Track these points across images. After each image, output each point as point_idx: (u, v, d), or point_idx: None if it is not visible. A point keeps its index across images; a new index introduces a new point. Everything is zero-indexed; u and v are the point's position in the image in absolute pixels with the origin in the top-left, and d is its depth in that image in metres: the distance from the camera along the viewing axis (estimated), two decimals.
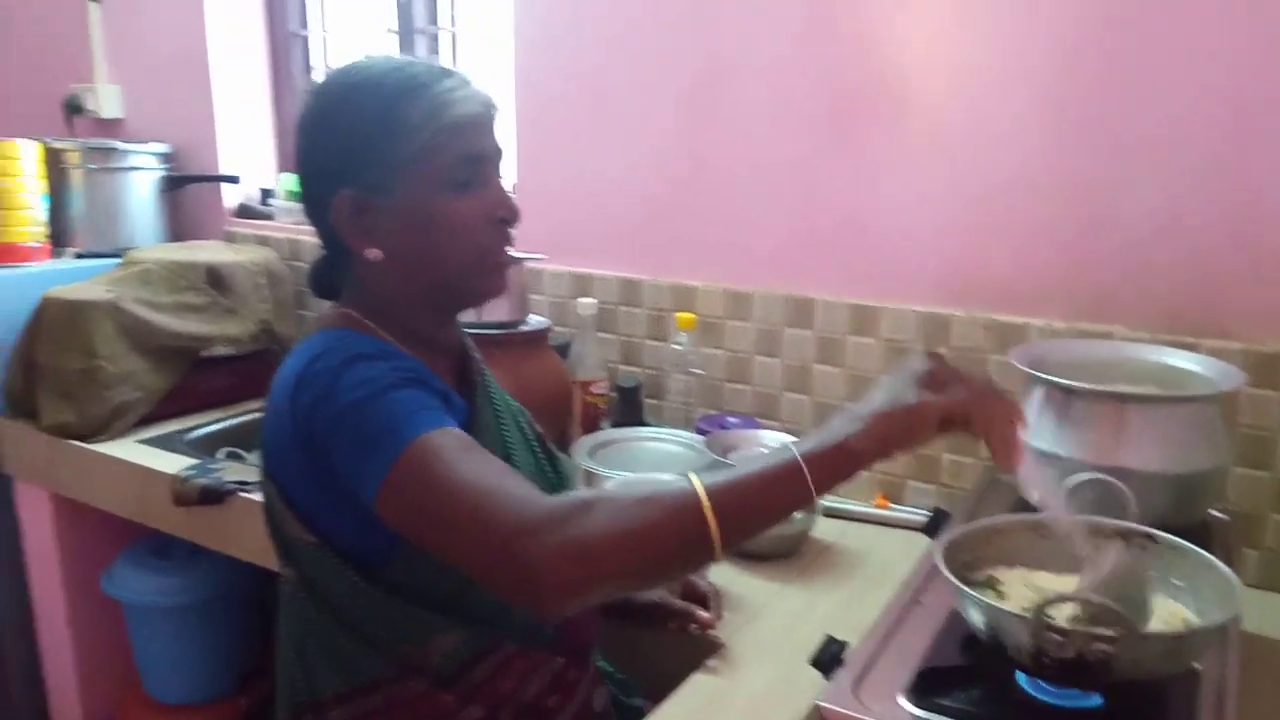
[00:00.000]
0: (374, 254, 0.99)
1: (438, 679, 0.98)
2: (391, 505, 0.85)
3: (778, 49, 1.68)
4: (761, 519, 0.82)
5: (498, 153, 1.03)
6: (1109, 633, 0.78)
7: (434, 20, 2.30)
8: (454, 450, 0.85)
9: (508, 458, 1.07)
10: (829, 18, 1.62)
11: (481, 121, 1.00)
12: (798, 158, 1.69)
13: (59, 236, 2.28)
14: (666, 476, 1.38)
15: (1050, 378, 1.18)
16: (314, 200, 1.02)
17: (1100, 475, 1.05)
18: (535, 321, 1.81)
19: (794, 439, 0.84)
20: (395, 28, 2.31)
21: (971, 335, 1.57)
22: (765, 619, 1.29)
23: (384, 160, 0.96)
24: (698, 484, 0.79)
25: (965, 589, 0.84)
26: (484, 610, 0.98)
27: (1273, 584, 1.38)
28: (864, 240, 1.66)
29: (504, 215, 1.02)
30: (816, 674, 0.97)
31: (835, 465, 0.79)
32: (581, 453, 1.58)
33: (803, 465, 0.78)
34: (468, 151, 0.99)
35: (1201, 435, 1.15)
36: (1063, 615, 0.83)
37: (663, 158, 1.84)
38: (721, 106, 1.75)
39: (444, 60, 2.26)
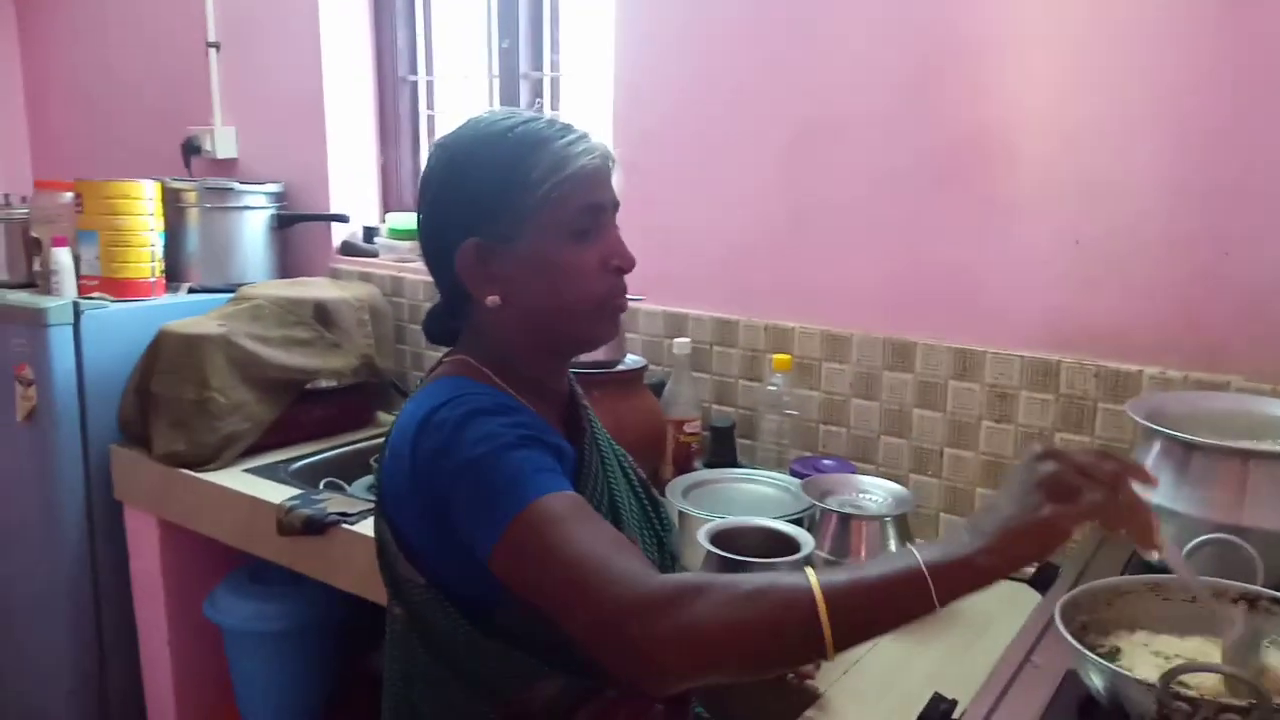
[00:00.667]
0: (494, 300, 1.02)
1: None
2: (504, 565, 0.87)
3: (885, 98, 1.67)
4: (878, 626, 0.79)
5: (615, 203, 1.06)
6: (1240, 703, 0.74)
7: (537, 66, 2.35)
8: (570, 515, 0.86)
9: (614, 504, 1.07)
10: (939, 70, 1.61)
11: (601, 174, 1.03)
12: (902, 204, 1.68)
13: (175, 272, 2.37)
14: (783, 571, 1.38)
15: (1170, 431, 1.13)
16: (438, 249, 1.05)
17: (1224, 535, 1.00)
18: (631, 360, 1.81)
19: (917, 543, 0.81)
20: (498, 73, 2.37)
21: (1080, 382, 1.52)
22: (863, 670, 1.26)
23: (509, 211, 0.99)
24: (814, 582, 0.76)
25: (1086, 652, 0.81)
26: (589, 658, 0.98)
27: None
28: (967, 286, 1.63)
29: (620, 264, 1.04)
30: None
31: (960, 581, 0.76)
32: (675, 493, 1.57)
33: (928, 577, 0.75)
34: (588, 202, 1.01)
35: None
36: (1191, 683, 0.79)
37: (762, 200, 1.84)
38: (824, 152, 1.75)
39: (546, 105, 2.31)
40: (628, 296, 1.83)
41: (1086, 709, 0.89)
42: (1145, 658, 0.89)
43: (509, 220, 1.00)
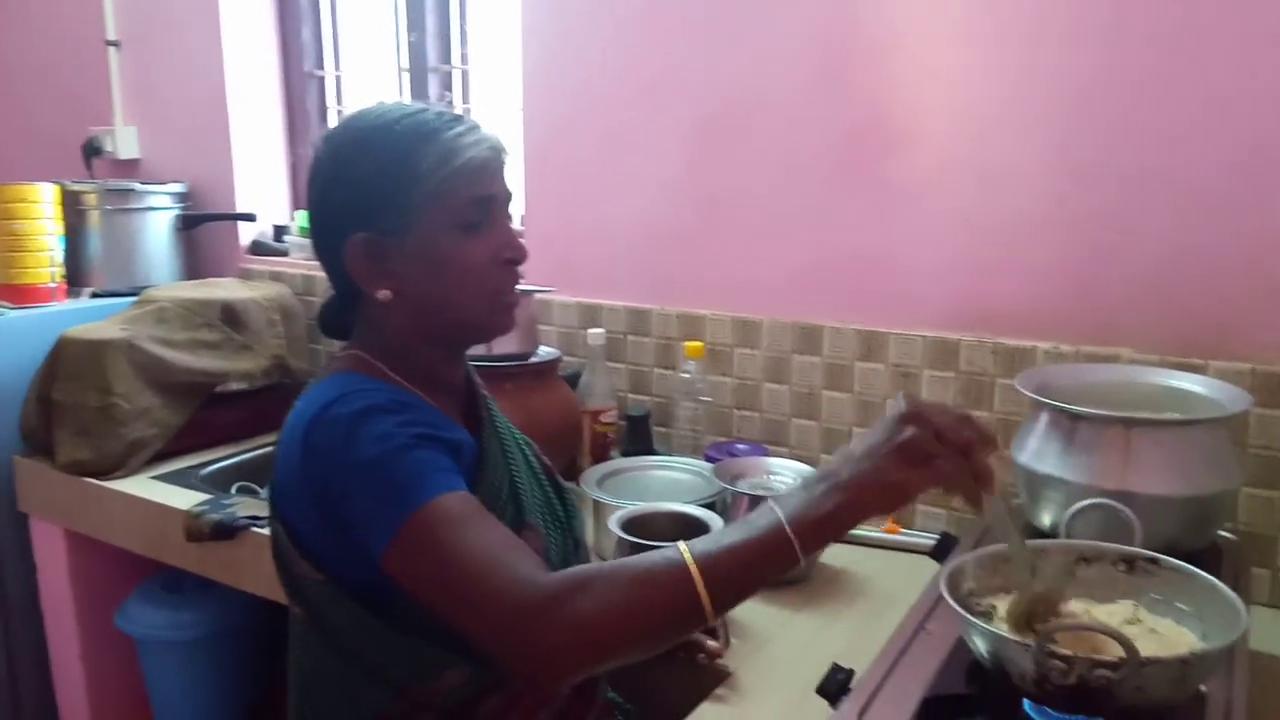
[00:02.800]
0: (385, 294, 1.01)
1: (446, 714, 0.98)
2: (397, 565, 0.87)
3: (790, 88, 1.70)
4: (751, 584, 0.82)
5: (507, 196, 1.06)
6: (1111, 659, 0.78)
7: (446, 59, 2.33)
8: (463, 517, 0.87)
9: (515, 492, 1.07)
10: (841, 60, 1.64)
11: (491, 166, 1.03)
12: (808, 191, 1.71)
13: (76, 276, 2.31)
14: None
15: (1055, 403, 1.17)
16: (327, 243, 1.04)
17: (1104, 500, 1.04)
18: (545, 352, 1.82)
19: (777, 498, 0.84)
20: (407, 67, 2.35)
21: (979, 360, 1.57)
22: (774, 647, 1.29)
23: (397, 204, 0.99)
24: (688, 555, 0.80)
25: (969, 616, 0.84)
26: None
27: None
28: (872, 270, 1.67)
29: (511, 256, 1.04)
30: (824, 703, 0.96)
31: (819, 533, 0.80)
32: (590, 482, 1.58)
33: (790, 534, 0.79)
34: (477, 194, 1.01)
35: (1208, 458, 1.14)
36: (1066, 641, 0.82)
37: (672, 191, 1.85)
38: (732, 141, 1.77)
39: (456, 98, 2.30)
40: (536, 289, 1.85)
41: (975, 672, 0.92)
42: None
43: (397, 213, 0.99)
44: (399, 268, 1.00)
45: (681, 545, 0.81)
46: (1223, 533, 1.26)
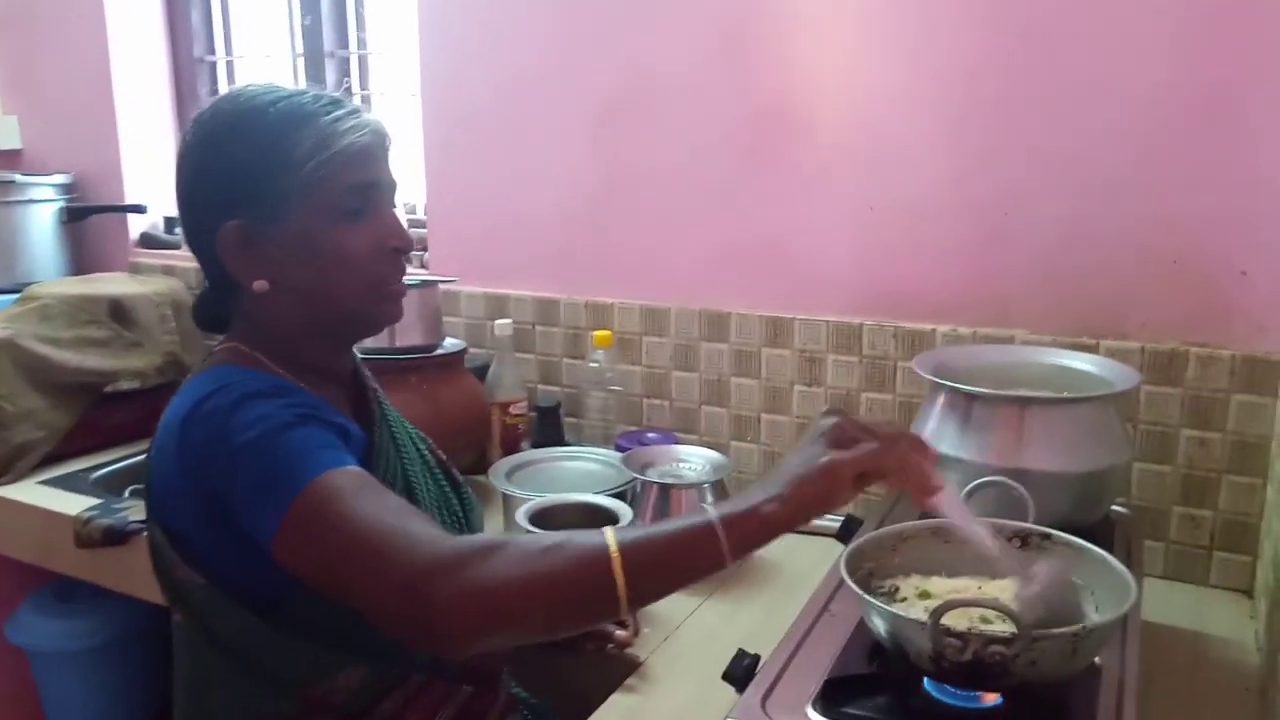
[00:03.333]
0: (261, 285, 0.97)
1: (343, 715, 0.95)
2: (289, 548, 0.83)
3: (691, 73, 1.69)
4: (672, 579, 0.80)
5: (391, 183, 1.02)
6: (1004, 634, 0.79)
7: (343, 44, 2.27)
8: (354, 489, 0.83)
9: (409, 486, 1.05)
10: (740, 41, 1.64)
11: (372, 151, 0.99)
12: (711, 177, 1.71)
13: None
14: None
15: (951, 384, 1.19)
16: (198, 231, 0.99)
17: (998, 478, 1.06)
18: (450, 344, 1.79)
19: (712, 501, 0.83)
20: (302, 51, 2.28)
21: (881, 343, 1.59)
22: (683, 635, 1.29)
23: (271, 190, 0.95)
24: (610, 537, 0.77)
25: (866, 596, 0.85)
26: (389, 643, 0.96)
27: (1179, 575, 1.42)
28: (777, 256, 1.67)
29: (396, 244, 1.01)
30: (733, 689, 0.97)
31: (751, 531, 0.78)
32: (499, 475, 1.56)
33: (718, 529, 0.76)
34: (357, 181, 0.97)
35: (1099, 434, 1.17)
36: (964, 619, 0.83)
37: (577, 179, 1.83)
38: (635, 127, 1.76)
39: (354, 84, 2.24)
40: (440, 279, 1.82)
41: (875, 652, 0.93)
42: (927, 600, 0.93)
43: (272, 201, 0.95)
44: (275, 257, 0.96)
45: (607, 529, 0.79)
46: (1116, 507, 1.29)
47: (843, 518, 1.34)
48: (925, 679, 0.88)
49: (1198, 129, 1.36)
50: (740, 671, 0.95)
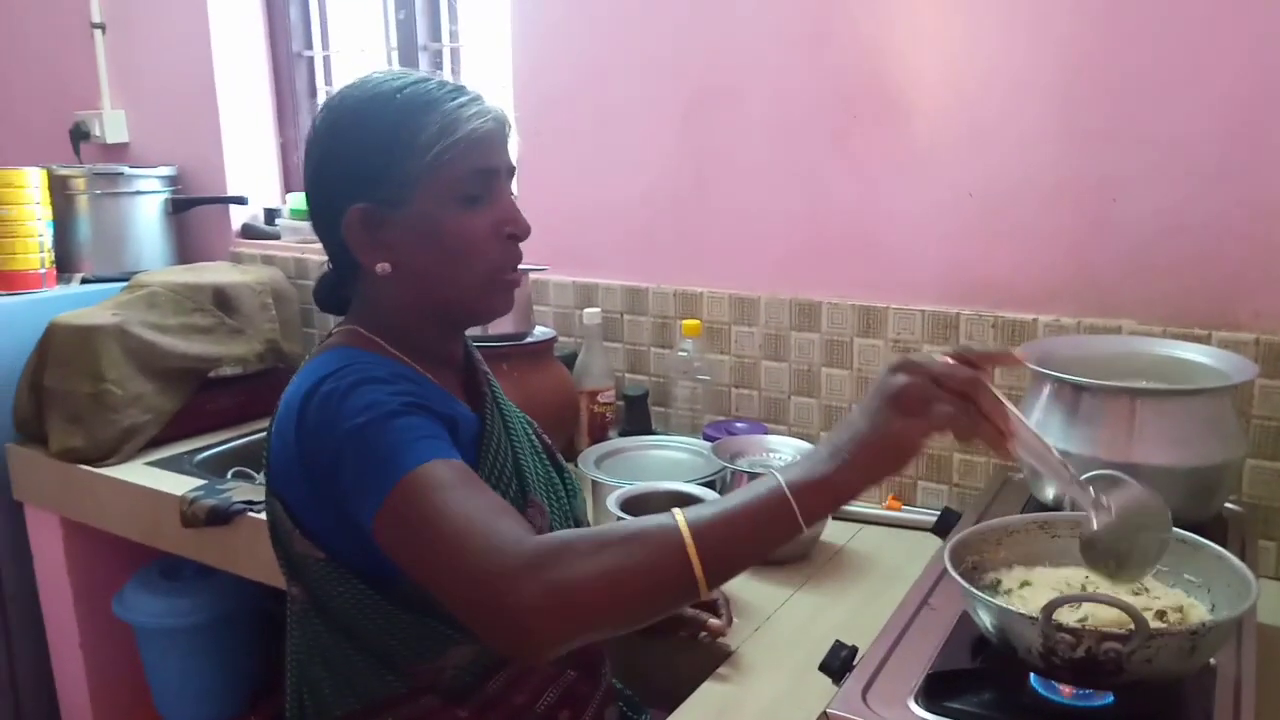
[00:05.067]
0: (383, 268, 0.99)
1: (450, 694, 0.97)
2: (385, 535, 0.84)
3: (780, 59, 1.67)
4: (748, 555, 0.79)
5: (509, 169, 1.03)
6: (1120, 631, 0.76)
7: (436, 36, 2.30)
8: (450, 483, 0.84)
9: (519, 469, 1.06)
10: (830, 28, 1.61)
11: (494, 137, 1.00)
12: (801, 165, 1.69)
13: (65, 262, 2.29)
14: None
15: (1058, 374, 1.16)
16: (324, 214, 1.02)
17: (1110, 471, 1.03)
18: (540, 332, 1.80)
19: (779, 467, 0.81)
20: (396, 45, 2.32)
21: (979, 333, 1.55)
22: (776, 625, 1.27)
23: (396, 174, 0.96)
24: (681, 521, 0.77)
25: (973, 590, 0.83)
26: None
27: None
28: (869, 244, 1.65)
29: (513, 231, 1.01)
30: (827, 680, 0.95)
31: (822, 499, 0.77)
32: (588, 462, 1.57)
33: (791, 500, 0.76)
34: (479, 166, 0.98)
35: (1213, 428, 1.13)
36: (1074, 615, 0.81)
37: (665, 167, 1.83)
38: (724, 116, 1.75)
39: (447, 76, 2.26)
40: (530, 267, 1.83)
41: (979, 647, 0.91)
42: (1033, 592, 0.91)
43: (397, 185, 0.96)
44: (397, 240, 0.98)
45: (676, 511, 0.78)
46: (1229, 505, 1.24)
47: (940, 511, 1.31)
48: (1032, 675, 0.86)
49: None
50: (837, 663, 0.94)
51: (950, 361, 0.79)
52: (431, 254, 0.99)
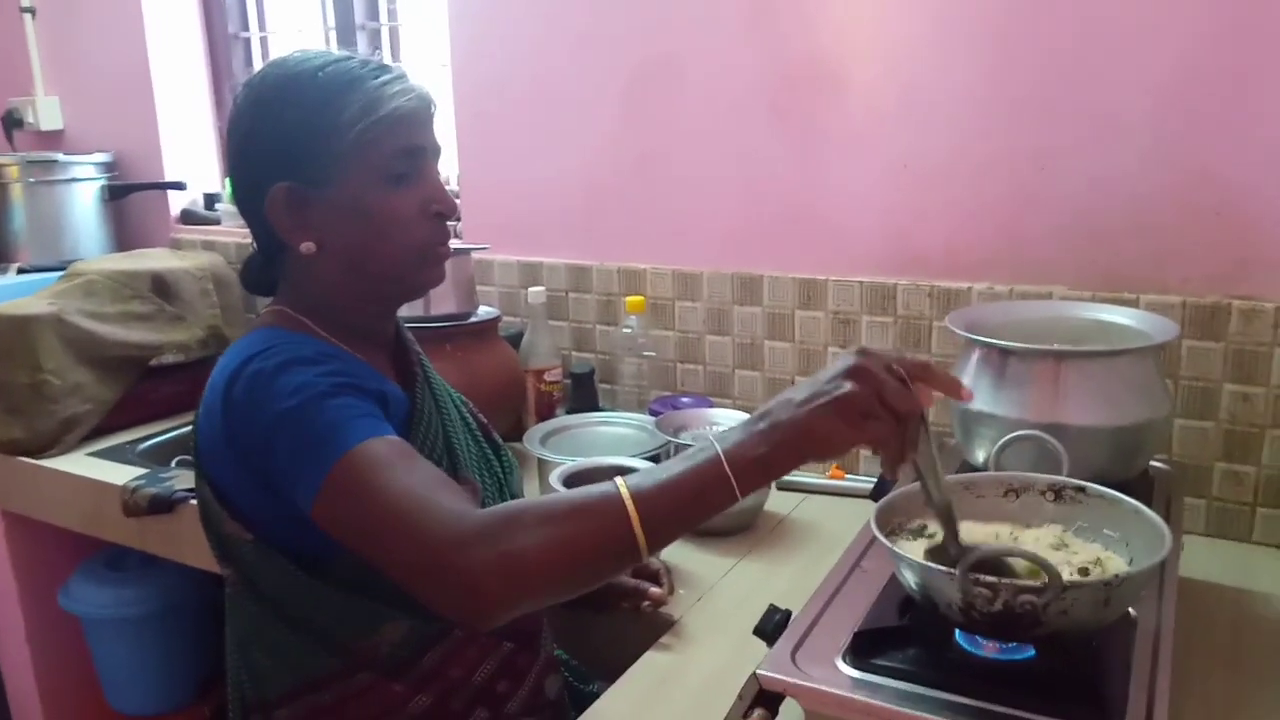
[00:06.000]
0: (308, 247, 0.98)
1: (387, 669, 0.97)
2: (326, 514, 0.85)
3: (720, 34, 1.68)
4: (687, 521, 0.81)
5: (436, 148, 1.03)
6: (1035, 584, 0.78)
7: (374, 15, 2.28)
8: (389, 459, 0.85)
9: (450, 448, 1.06)
10: (770, 2, 1.62)
11: (418, 116, 1.00)
12: (742, 140, 1.69)
13: (1, 252, 2.24)
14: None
15: (985, 339, 1.18)
16: (248, 194, 1.01)
17: (1032, 432, 1.05)
18: (485, 312, 1.80)
19: (716, 433, 0.84)
20: (334, 25, 2.29)
21: (915, 302, 1.57)
22: (719, 595, 1.29)
23: (319, 154, 0.96)
24: (624, 489, 0.79)
25: (895, 549, 0.84)
26: None
27: (1221, 532, 1.40)
28: (809, 218, 1.66)
29: (440, 209, 1.01)
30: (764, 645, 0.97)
31: (757, 473, 0.79)
32: (533, 440, 1.57)
33: (729, 472, 0.78)
34: (404, 145, 0.98)
35: (1138, 388, 1.15)
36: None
37: (607, 144, 1.83)
38: (665, 92, 1.75)
39: (385, 55, 2.24)
40: (472, 246, 1.83)
41: (906, 606, 0.93)
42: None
43: (320, 164, 0.96)
44: (322, 219, 0.98)
45: (618, 480, 0.80)
46: (1156, 463, 1.27)
47: (875, 479, 1.33)
48: (956, 631, 0.88)
49: (1238, 81, 1.32)
50: (771, 626, 0.95)
51: (904, 374, 0.80)
52: (358, 233, 0.99)
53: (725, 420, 1.55)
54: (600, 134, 1.83)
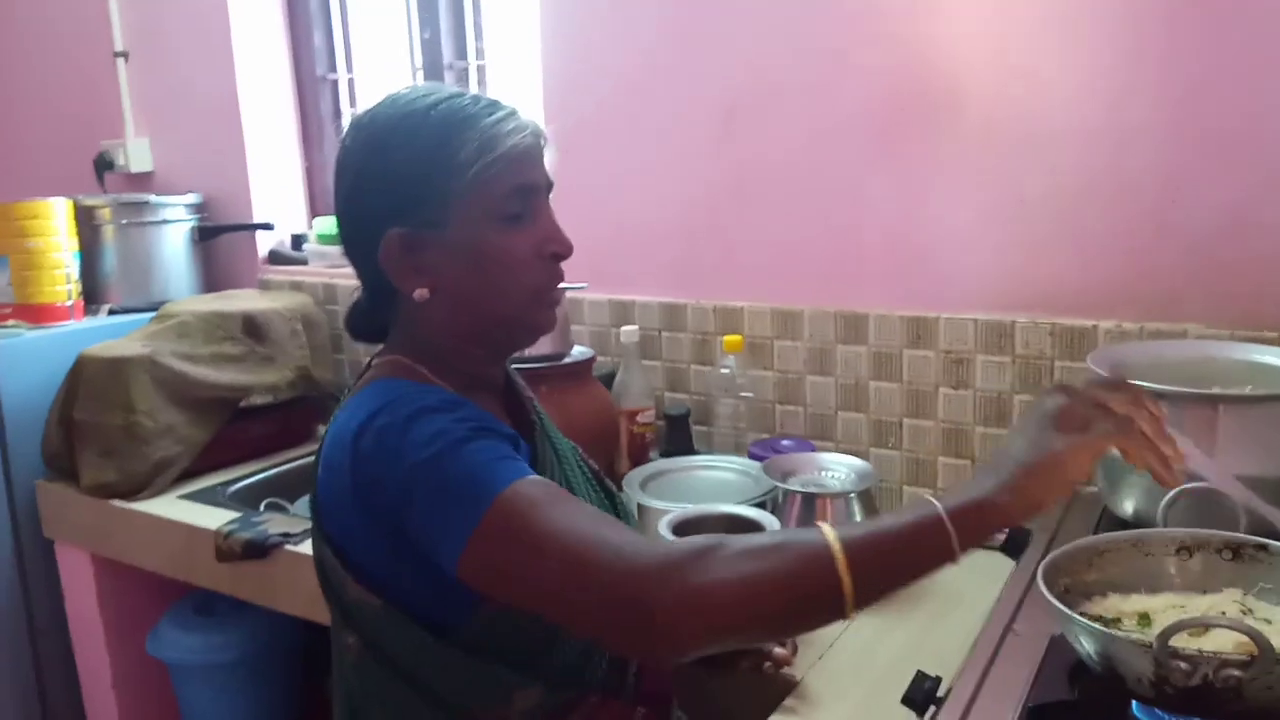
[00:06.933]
0: (422, 294, 0.94)
1: None
2: (478, 565, 0.80)
3: (817, 63, 1.63)
4: (900, 577, 0.75)
5: (548, 184, 0.99)
6: (1240, 657, 0.71)
7: (462, 54, 2.27)
8: (546, 500, 0.80)
9: (574, 495, 1.01)
10: (868, 29, 1.57)
11: (532, 153, 0.96)
12: (842, 172, 1.64)
13: (93, 293, 2.27)
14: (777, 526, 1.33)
15: (1137, 383, 1.10)
16: (358, 239, 0.97)
17: (1204, 484, 0.97)
18: (578, 352, 1.75)
19: (933, 493, 0.78)
20: (422, 65, 2.29)
21: (1036, 341, 1.49)
22: (838, 652, 1.22)
23: (434, 196, 0.92)
24: (831, 535, 0.73)
25: (1075, 615, 0.77)
26: (569, 663, 0.93)
27: None
28: (915, 252, 1.60)
29: (556, 250, 0.97)
30: (907, 712, 0.90)
31: (980, 523, 0.73)
32: (632, 485, 1.52)
33: (947, 522, 0.71)
34: (519, 184, 0.94)
35: None
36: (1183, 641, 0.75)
37: (701, 180, 1.79)
38: (761, 123, 1.70)
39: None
40: (570, 286, 1.78)
41: (1077, 674, 0.85)
42: (1128, 618, 0.85)
43: (435, 206, 0.92)
44: (436, 263, 0.93)
45: (824, 525, 0.74)
46: None
47: (1008, 530, 1.25)
48: (1134, 705, 0.80)
49: None
50: (921, 695, 0.89)
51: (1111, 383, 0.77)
52: (473, 277, 0.94)
53: (837, 465, 1.48)
54: (694, 168, 1.79)
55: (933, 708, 0.86)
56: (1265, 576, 0.88)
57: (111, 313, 2.26)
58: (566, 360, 1.71)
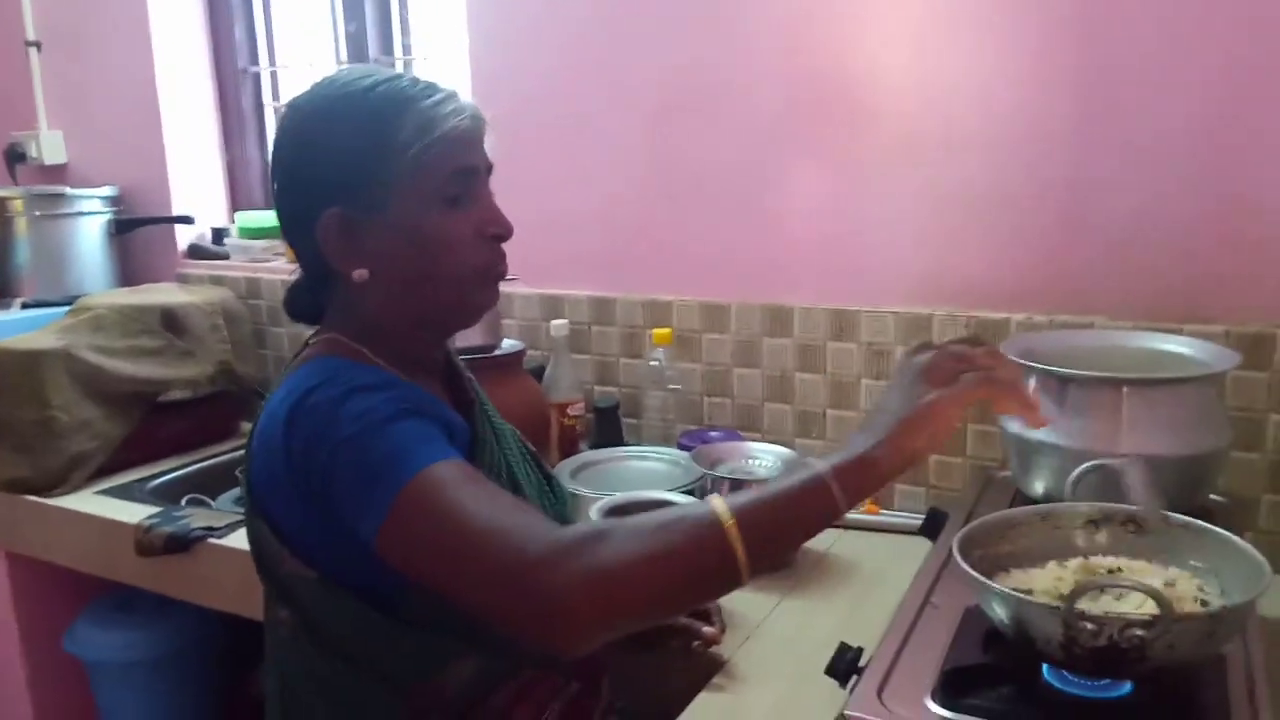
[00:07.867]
0: (361, 275, 0.94)
1: (453, 711, 0.93)
2: (394, 543, 0.80)
3: (747, 63, 1.66)
4: (789, 537, 0.79)
5: (488, 167, 1.00)
6: (1144, 617, 0.75)
7: (388, 49, 2.26)
8: (460, 482, 0.81)
9: (512, 476, 1.03)
10: (797, 30, 1.61)
11: (472, 135, 0.97)
12: (770, 169, 1.67)
13: (5, 287, 2.21)
14: (674, 497, 1.35)
15: (1046, 367, 1.15)
16: (296, 220, 0.97)
17: (1106, 461, 1.02)
18: (509, 345, 1.76)
19: (791, 452, 0.82)
20: (346, 59, 2.27)
21: (952, 333, 1.54)
22: (765, 633, 1.25)
23: (373, 177, 0.92)
24: (720, 505, 0.75)
25: (989, 583, 0.81)
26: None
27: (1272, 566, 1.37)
28: (839, 248, 1.64)
29: (497, 231, 0.98)
30: (830, 684, 0.93)
31: (862, 478, 0.76)
32: (563, 475, 1.53)
33: (830, 481, 0.74)
34: (459, 166, 0.95)
35: (1201, 417, 1.13)
36: (1092, 604, 0.80)
37: (631, 175, 1.81)
38: (691, 121, 1.73)
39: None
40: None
41: (991, 641, 0.89)
42: (1039, 584, 0.90)
43: (373, 189, 0.92)
44: (376, 245, 0.94)
45: (713, 496, 0.77)
46: (1212, 496, 1.25)
47: (925, 513, 1.30)
48: (1044, 668, 0.85)
49: (1278, 108, 1.31)
50: (844, 665, 0.92)
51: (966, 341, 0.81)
52: (413, 258, 0.95)
53: (764, 454, 1.52)
54: (623, 165, 1.81)
55: (855, 677, 0.89)
56: (1167, 547, 0.93)
57: (24, 306, 2.20)
58: (497, 353, 1.72)
